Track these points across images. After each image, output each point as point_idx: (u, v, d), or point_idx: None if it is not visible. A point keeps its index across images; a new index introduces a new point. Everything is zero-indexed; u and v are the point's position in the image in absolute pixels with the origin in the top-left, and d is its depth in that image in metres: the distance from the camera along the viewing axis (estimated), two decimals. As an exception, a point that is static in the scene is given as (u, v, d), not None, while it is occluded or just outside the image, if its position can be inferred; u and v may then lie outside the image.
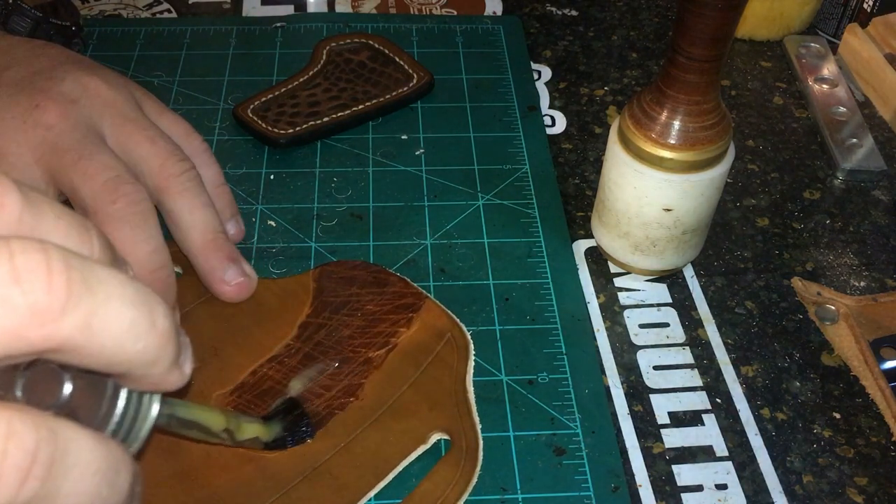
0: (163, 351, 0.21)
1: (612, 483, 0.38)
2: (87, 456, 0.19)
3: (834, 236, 0.51)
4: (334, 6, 0.67)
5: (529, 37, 0.65)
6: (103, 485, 0.19)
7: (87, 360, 0.19)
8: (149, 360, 0.20)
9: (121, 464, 0.20)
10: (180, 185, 0.42)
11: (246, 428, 0.35)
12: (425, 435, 0.39)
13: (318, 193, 0.51)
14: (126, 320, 0.19)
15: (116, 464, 0.20)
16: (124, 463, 0.20)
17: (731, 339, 0.45)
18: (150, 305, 0.20)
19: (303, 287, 0.45)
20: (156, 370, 0.21)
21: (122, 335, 0.19)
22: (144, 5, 0.66)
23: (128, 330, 0.19)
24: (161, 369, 0.21)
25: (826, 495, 0.39)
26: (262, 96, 0.56)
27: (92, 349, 0.19)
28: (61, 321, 0.18)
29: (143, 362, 0.20)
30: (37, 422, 0.18)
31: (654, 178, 0.43)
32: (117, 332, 0.19)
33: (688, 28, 0.39)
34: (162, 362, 0.21)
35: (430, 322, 0.43)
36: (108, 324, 0.19)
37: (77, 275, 0.18)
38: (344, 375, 0.41)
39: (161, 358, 0.21)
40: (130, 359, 0.20)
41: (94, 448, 0.19)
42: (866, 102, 0.60)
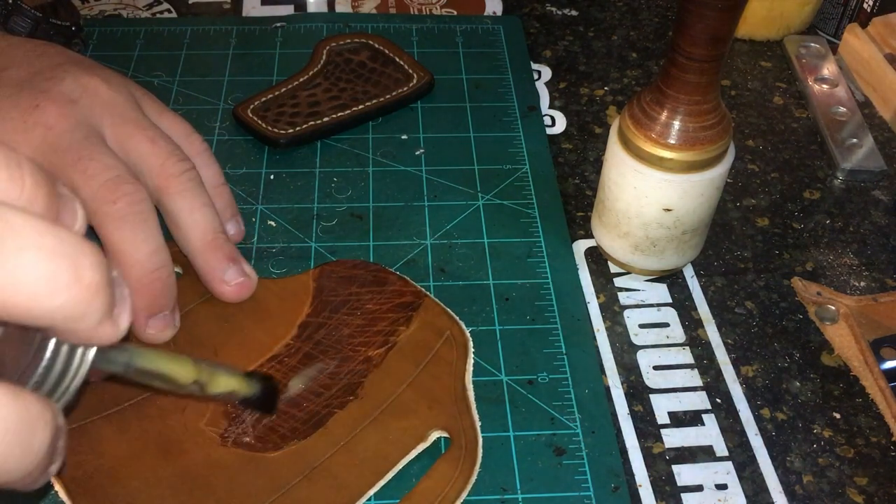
0: (89, 305, 0.19)
1: (612, 483, 0.38)
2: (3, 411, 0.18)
3: (834, 236, 0.51)
4: (334, 6, 0.67)
5: (529, 37, 0.65)
6: (14, 445, 0.18)
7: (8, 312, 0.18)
8: (72, 315, 0.19)
9: (37, 421, 0.19)
10: (180, 185, 0.42)
11: (220, 381, 0.32)
12: (425, 433, 0.39)
13: (318, 193, 0.51)
14: (41, 273, 0.18)
15: (32, 422, 0.19)
16: (42, 420, 0.19)
17: (731, 339, 0.45)
18: (75, 257, 0.19)
19: (303, 287, 0.45)
20: (82, 325, 0.20)
21: (37, 289, 0.18)
22: (144, 5, 0.66)
23: (44, 283, 0.18)
24: (88, 324, 0.20)
25: (826, 495, 0.39)
26: (262, 96, 0.56)
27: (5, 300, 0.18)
28: None
29: (66, 317, 0.19)
30: None
31: (654, 178, 0.43)
32: (31, 285, 0.18)
33: (688, 28, 0.39)
34: (89, 317, 0.19)
35: (429, 320, 0.43)
36: (19, 276, 0.17)
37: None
38: (343, 374, 0.41)
39: (88, 313, 0.19)
40: (49, 313, 0.18)
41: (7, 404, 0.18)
42: (866, 102, 0.60)
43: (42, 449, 0.19)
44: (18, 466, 0.19)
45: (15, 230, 0.17)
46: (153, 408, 0.40)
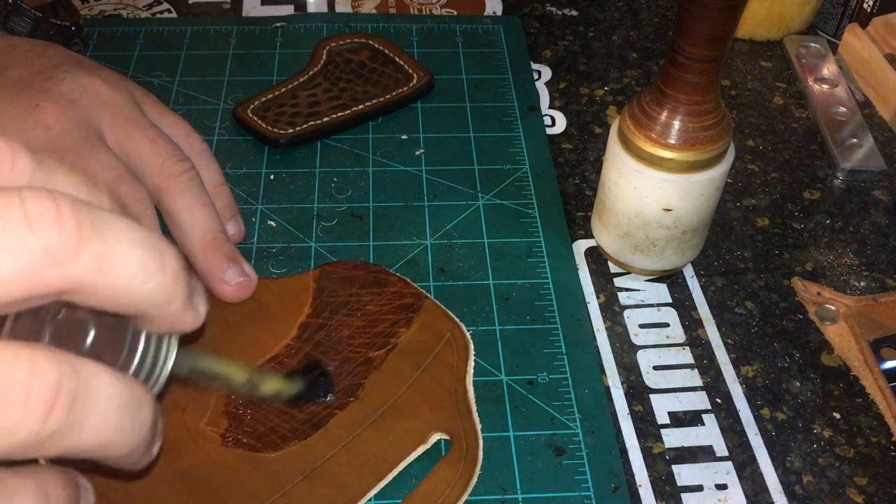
0: (174, 290, 0.21)
1: (612, 483, 0.38)
2: (109, 391, 0.20)
3: (834, 236, 0.51)
4: (334, 6, 0.67)
5: (529, 37, 0.65)
6: (125, 418, 0.20)
7: (102, 299, 0.20)
8: (162, 300, 0.21)
9: (142, 401, 0.21)
10: (180, 185, 0.42)
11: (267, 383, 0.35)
12: (425, 435, 0.39)
13: (318, 193, 0.51)
14: (136, 260, 0.20)
15: (138, 400, 0.21)
16: (146, 401, 0.22)
17: (731, 339, 0.45)
18: (159, 248, 0.21)
19: (303, 287, 0.45)
20: (170, 309, 0.22)
21: (134, 275, 0.20)
22: (144, 5, 0.66)
23: (138, 270, 0.20)
24: (175, 308, 0.22)
25: (826, 495, 0.39)
26: (262, 96, 0.56)
27: (105, 289, 0.20)
28: (74, 261, 0.19)
29: (157, 301, 0.21)
30: (59, 359, 0.19)
31: (654, 178, 0.43)
32: (128, 271, 0.20)
33: (688, 28, 0.39)
34: (175, 302, 0.22)
35: (429, 322, 0.43)
36: (119, 264, 0.20)
37: (86, 218, 0.19)
38: (344, 375, 0.41)
39: (173, 297, 0.22)
40: (144, 298, 0.21)
41: (115, 384, 0.20)
42: (866, 102, 0.60)
43: (147, 424, 0.21)
44: (130, 439, 0.21)
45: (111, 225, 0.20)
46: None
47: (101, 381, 0.20)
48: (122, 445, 0.21)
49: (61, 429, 0.19)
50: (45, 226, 0.18)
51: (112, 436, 0.20)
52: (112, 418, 0.20)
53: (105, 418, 0.20)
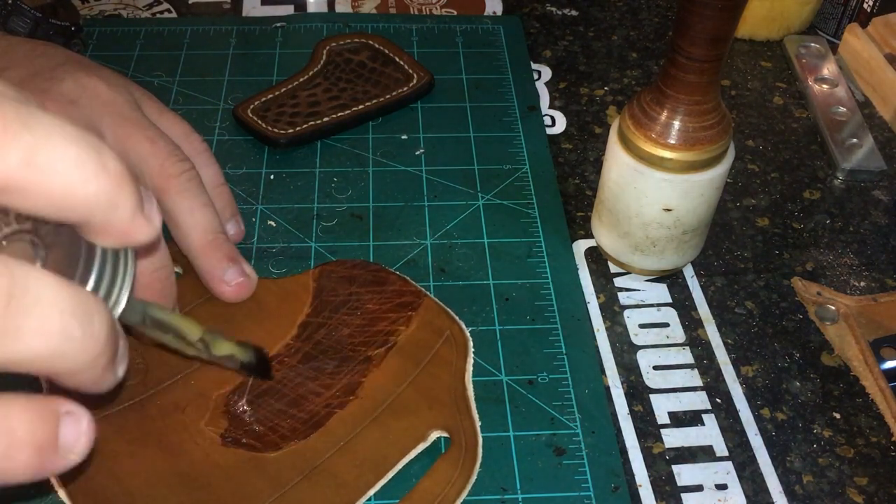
0: (120, 193, 0.20)
1: (612, 483, 0.38)
2: (51, 294, 0.19)
3: (834, 236, 0.51)
4: (334, 6, 0.67)
5: (529, 37, 0.65)
6: (74, 325, 0.19)
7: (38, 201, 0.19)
8: (106, 203, 0.20)
9: (94, 311, 0.20)
10: (180, 185, 0.42)
11: (222, 344, 0.34)
12: (425, 433, 0.39)
13: (318, 193, 0.51)
14: (71, 156, 0.19)
15: (88, 309, 0.20)
16: (99, 312, 0.20)
17: (731, 339, 0.45)
18: (98, 147, 0.20)
19: (303, 287, 0.45)
20: (117, 215, 0.20)
21: (70, 173, 0.19)
22: (144, 5, 0.66)
23: (75, 167, 0.19)
24: (123, 215, 0.21)
25: (826, 495, 0.39)
26: (262, 96, 0.56)
27: (40, 188, 0.18)
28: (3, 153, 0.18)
29: (100, 205, 0.20)
30: None
31: (654, 178, 0.43)
32: (63, 168, 0.19)
33: (688, 28, 0.39)
34: (122, 207, 0.20)
35: (429, 320, 0.43)
36: (53, 159, 0.18)
37: (12, 111, 0.18)
38: (344, 374, 0.41)
39: (119, 201, 0.20)
40: (85, 200, 0.19)
41: (58, 287, 0.19)
42: (866, 102, 0.60)
43: (102, 335, 0.20)
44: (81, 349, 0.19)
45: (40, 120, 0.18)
46: (153, 408, 0.40)
47: (42, 283, 0.19)
48: (73, 356, 0.20)
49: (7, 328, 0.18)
50: None
51: (58, 343, 0.19)
52: (56, 323, 0.19)
53: (48, 323, 0.19)
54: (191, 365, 0.41)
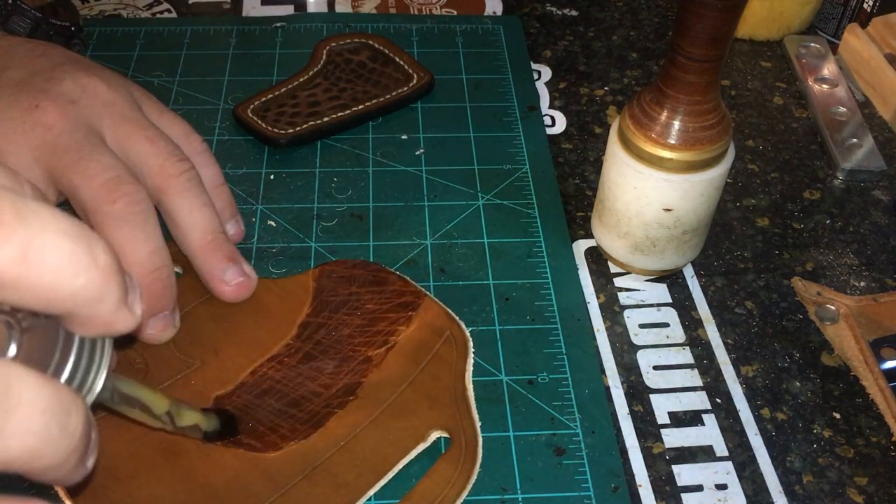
0: (107, 287, 0.20)
1: (612, 483, 0.38)
2: (33, 394, 0.19)
3: (834, 236, 0.51)
4: (334, 6, 0.67)
5: (529, 37, 0.65)
6: (53, 424, 0.19)
7: (27, 295, 0.19)
8: (92, 297, 0.20)
9: (72, 407, 0.20)
10: (180, 185, 0.42)
11: (186, 415, 0.34)
12: (425, 433, 0.39)
13: (318, 193, 0.51)
14: (64, 252, 0.19)
15: (66, 406, 0.20)
16: (76, 407, 0.20)
17: (731, 339, 0.45)
18: (89, 240, 0.20)
19: (303, 287, 0.45)
20: (102, 308, 0.20)
21: (61, 268, 0.19)
22: (144, 5, 0.66)
23: (67, 262, 0.19)
24: (107, 308, 0.21)
25: (826, 495, 0.39)
26: (262, 96, 0.56)
27: (31, 283, 0.18)
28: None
29: (87, 299, 0.20)
30: None
31: (654, 178, 0.43)
32: (55, 264, 0.19)
33: (688, 28, 0.39)
34: (107, 299, 0.20)
35: (429, 320, 0.43)
36: (46, 255, 0.18)
37: (9, 206, 0.18)
38: (343, 374, 0.41)
39: (106, 295, 0.20)
40: (73, 294, 0.19)
41: (41, 387, 0.19)
42: (866, 102, 0.60)
43: (77, 431, 0.20)
44: (58, 448, 0.19)
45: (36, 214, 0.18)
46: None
47: (24, 383, 0.19)
48: (50, 455, 0.19)
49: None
50: None
51: (37, 443, 0.19)
52: (36, 423, 0.19)
53: (28, 423, 0.18)
54: (191, 365, 0.41)
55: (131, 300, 0.22)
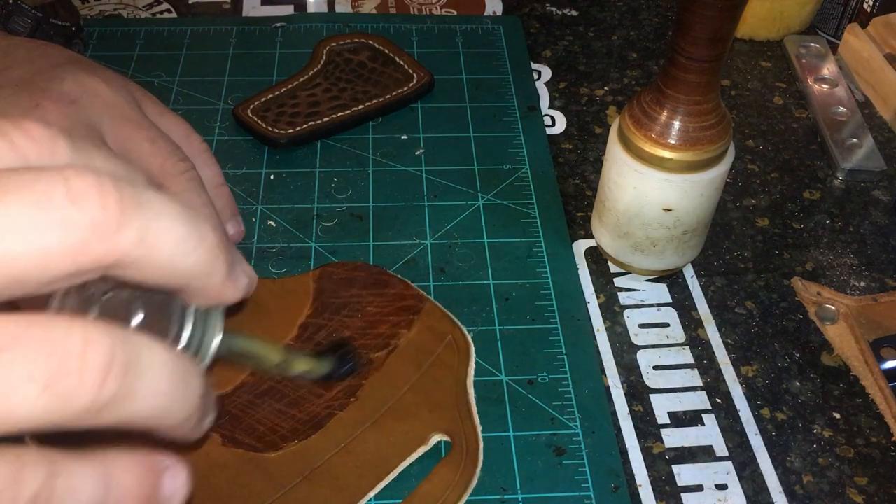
0: (215, 262, 0.22)
1: (612, 483, 0.38)
2: (160, 360, 0.20)
3: (834, 236, 0.51)
4: (334, 6, 0.67)
5: (529, 37, 0.65)
6: (178, 387, 0.21)
7: (145, 273, 0.21)
8: (203, 272, 0.22)
9: (191, 372, 0.22)
10: (180, 185, 0.42)
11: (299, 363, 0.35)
12: (425, 436, 0.39)
13: (318, 193, 0.51)
14: (177, 234, 0.21)
15: (187, 371, 0.22)
16: (194, 373, 0.22)
17: (731, 339, 0.45)
18: (198, 221, 0.21)
19: (303, 287, 0.45)
20: (211, 281, 0.22)
21: (175, 248, 0.21)
22: (144, 5, 0.66)
23: (180, 243, 0.21)
24: (216, 280, 0.23)
25: (826, 495, 0.39)
26: (262, 96, 0.56)
27: (149, 262, 0.20)
28: (118, 235, 0.19)
29: (199, 274, 0.22)
30: (110, 330, 0.19)
31: (654, 178, 0.43)
32: (170, 244, 0.20)
33: (688, 28, 0.39)
34: (216, 274, 0.22)
35: (430, 324, 0.43)
36: (162, 237, 0.20)
37: (128, 193, 0.20)
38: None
39: (214, 269, 0.22)
40: (186, 270, 0.21)
41: (165, 354, 0.21)
42: (866, 102, 0.60)
43: (198, 393, 0.22)
44: (182, 407, 0.21)
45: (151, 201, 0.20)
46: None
47: (153, 351, 0.20)
48: (176, 414, 0.21)
49: (116, 397, 0.19)
50: (90, 201, 0.19)
51: (165, 403, 0.21)
52: (164, 386, 0.21)
53: (157, 386, 0.20)
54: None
55: (238, 273, 0.24)
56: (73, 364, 0.18)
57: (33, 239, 0.18)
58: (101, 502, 0.20)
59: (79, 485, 0.20)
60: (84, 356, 0.19)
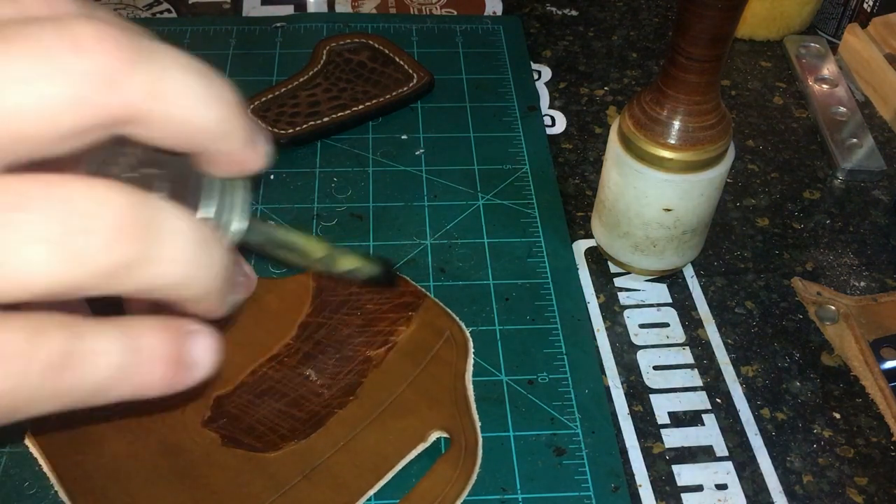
0: (234, 122, 0.21)
1: (612, 483, 0.38)
2: (183, 224, 0.20)
3: (834, 236, 0.51)
4: (334, 6, 0.67)
5: (529, 37, 0.65)
6: (202, 253, 0.20)
7: (160, 130, 0.19)
8: (222, 131, 0.21)
9: (215, 242, 0.21)
10: None
11: (345, 260, 0.33)
12: (425, 433, 0.39)
13: (318, 193, 0.51)
14: (191, 85, 0.19)
15: (210, 239, 0.21)
16: (218, 241, 0.21)
17: (731, 339, 0.45)
18: (212, 77, 0.20)
19: (303, 287, 0.45)
20: (231, 144, 0.21)
21: (191, 102, 0.20)
22: (144, 5, 0.66)
23: (194, 96, 0.20)
24: (236, 144, 0.21)
25: (826, 495, 0.39)
26: (262, 96, 0.56)
27: (162, 117, 0.19)
28: (127, 83, 0.18)
29: (217, 133, 0.21)
30: (130, 191, 0.18)
31: (654, 178, 0.43)
32: (184, 97, 0.19)
33: (688, 28, 0.39)
34: (235, 135, 0.21)
35: (429, 321, 0.43)
36: (174, 88, 0.19)
37: (136, 44, 0.19)
38: (344, 374, 0.41)
39: (235, 129, 0.21)
40: (203, 128, 0.20)
41: (188, 220, 0.20)
42: (866, 102, 0.60)
43: (221, 263, 0.21)
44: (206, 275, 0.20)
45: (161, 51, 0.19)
46: (154, 408, 0.40)
47: (174, 214, 0.20)
48: (198, 284, 0.21)
49: (139, 258, 0.19)
50: (95, 48, 0.18)
51: (187, 271, 0.20)
52: (187, 251, 0.20)
53: (180, 251, 0.20)
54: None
55: (258, 139, 0.22)
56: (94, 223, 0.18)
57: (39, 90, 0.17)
58: (126, 365, 0.20)
59: (101, 348, 0.19)
60: (105, 215, 0.18)
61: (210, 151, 0.21)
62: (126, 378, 0.20)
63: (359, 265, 0.33)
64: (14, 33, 0.17)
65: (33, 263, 0.17)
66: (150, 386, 0.21)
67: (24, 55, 0.17)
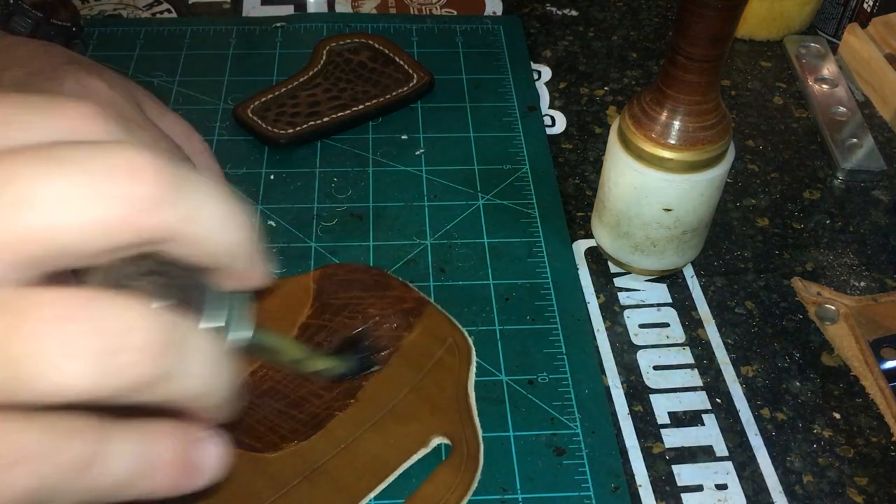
0: (248, 243, 0.23)
1: (612, 483, 0.38)
2: (205, 343, 0.22)
3: (834, 236, 0.51)
4: (334, 6, 0.67)
5: (529, 37, 0.65)
6: (222, 367, 0.22)
7: (190, 248, 0.22)
8: (239, 252, 0.23)
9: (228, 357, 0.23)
10: None
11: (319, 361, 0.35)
12: (426, 439, 0.39)
13: (318, 193, 0.51)
14: (220, 212, 0.22)
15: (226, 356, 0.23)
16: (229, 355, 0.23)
17: (731, 339, 0.45)
18: (234, 203, 0.23)
19: (303, 288, 0.45)
20: (244, 263, 0.24)
21: (218, 225, 0.22)
22: (144, 5, 0.66)
23: (222, 220, 0.22)
24: (248, 262, 0.24)
25: (826, 495, 0.39)
26: (262, 96, 0.56)
27: (195, 238, 0.21)
28: (169, 209, 0.20)
29: (235, 254, 0.23)
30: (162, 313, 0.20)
31: (654, 178, 0.43)
32: (214, 221, 0.22)
33: (688, 28, 0.39)
34: (248, 255, 0.24)
35: (431, 327, 0.43)
36: (206, 213, 0.22)
37: (180, 172, 0.21)
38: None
39: (247, 250, 0.24)
40: (225, 249, 0.23)
41: (209, 339, 0.22)
42: (866, 102, 0.60)
43: (233, 377, 0.23)
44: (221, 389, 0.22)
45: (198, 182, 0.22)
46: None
47: (196, 332, 0.22)
48: (214, 396, 0.22)
49: (166, 374, 0.20)
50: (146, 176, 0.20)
51: (207, 384, 0.22)
52: (208, 367, 0.22)
53: (202, 367, 0.21)
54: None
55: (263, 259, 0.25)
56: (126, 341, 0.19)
57: (88, 209, 0.19)
58: (143, 469, 0.21)
59: (121, 451, 0.21)
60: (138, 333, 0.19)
61: (224, 268, 0.24)
62: (141, 480, 0.21)
63: (328, 366, 0.35)
64: (68, 156, 0.19)
65: (71, 376, 0.19)
66: (162, 488, 0.22)
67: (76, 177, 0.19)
